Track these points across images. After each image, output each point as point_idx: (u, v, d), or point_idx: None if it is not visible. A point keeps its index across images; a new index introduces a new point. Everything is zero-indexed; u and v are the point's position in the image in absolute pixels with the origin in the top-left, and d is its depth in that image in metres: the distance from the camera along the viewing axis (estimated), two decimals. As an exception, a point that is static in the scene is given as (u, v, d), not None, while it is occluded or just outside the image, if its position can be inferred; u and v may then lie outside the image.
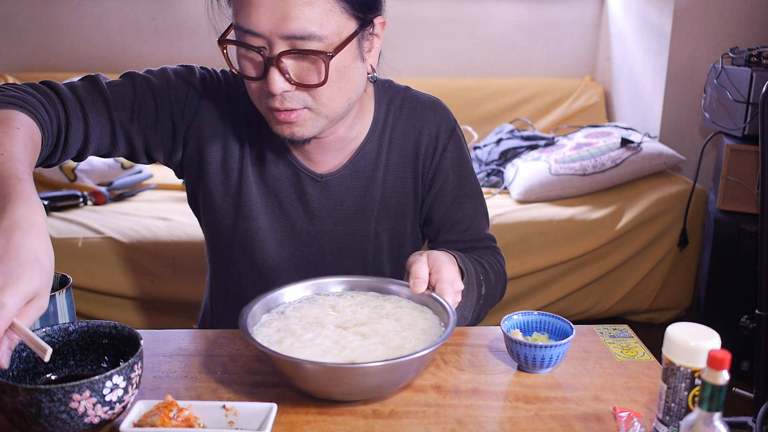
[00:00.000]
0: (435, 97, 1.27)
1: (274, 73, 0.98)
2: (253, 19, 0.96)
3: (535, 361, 0.97)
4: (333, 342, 0.93)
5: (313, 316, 0.99)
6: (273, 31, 0.96)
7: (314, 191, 1.20)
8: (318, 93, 1.02)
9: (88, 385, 0.76)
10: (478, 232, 1.28)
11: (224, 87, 1.18)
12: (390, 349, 0.91)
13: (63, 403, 0.75)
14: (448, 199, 1.25)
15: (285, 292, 1.04)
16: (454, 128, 1.25)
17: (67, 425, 0.77)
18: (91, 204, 2.52)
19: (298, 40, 0.97)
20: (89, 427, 0.79)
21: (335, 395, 0.89)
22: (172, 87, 1.15)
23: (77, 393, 0.76)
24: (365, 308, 1.02)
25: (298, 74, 1.00)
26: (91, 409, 0.77)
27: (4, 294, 0.69)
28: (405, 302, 1.04)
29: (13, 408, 0.76)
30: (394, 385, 0.91)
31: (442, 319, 0.98)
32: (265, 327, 0.97)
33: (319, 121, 1.05)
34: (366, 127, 1.20)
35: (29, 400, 0.75)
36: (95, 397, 0.77)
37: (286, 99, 1.01)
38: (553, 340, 1.03)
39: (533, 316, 1.05)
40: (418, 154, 1.22)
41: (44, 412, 0.75)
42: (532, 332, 1.05)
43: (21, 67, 3.09)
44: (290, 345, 0.92)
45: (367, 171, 1.21)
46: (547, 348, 0.96)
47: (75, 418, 0.77)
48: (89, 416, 0.78)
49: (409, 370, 0.89)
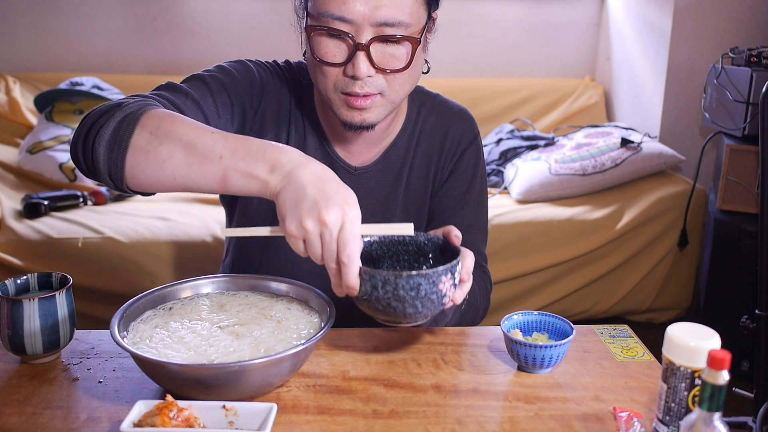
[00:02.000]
0: (463, 106, 1.32)
1: (361, 58, 1.02)
2: (349, 6, 0.99)
3: (535, 361, 0.97)
4: (203, 340, 0.93)
5: (196, 313, 1.01)
6: (366, 18, 1.00)
7: (348, 184, 1.20)
8: (394, 79, 1.06)
9: (450, 269, 0.91)
10: (472, 244, 1.28)
11: (273, 78, 1.21)
12: (257, 350, 0.91)
13: (434, 284, 0.89)
14: (453, 201, 1.27)
15: (173, 290, 1.06)
16: (476, 137, 1.30)
17: (433, 305, 0.91)
18: (91, 204, 2.52)
19: (387, 27, 1.01)
20: (441, 308, 0.93)
21: (184, 393, 0.88)
22: (239, 80, 1.17)
23: (444, 275, 0.90)
24: (253, 309, 1.02)
25: (381, 60, 1.04)
26: (449, 290, 0.92)
27: (350, 207, 0.84)
28: (296, 305, 1.04)
29: (394, 294, 0.88)
30: (254, 388, 0.89)
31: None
32: (143, 323, 0.98)
33: (387, 107, 1.10)
34: (399, 125, 1.25)
35: (410, 284, 0.88)
36: (452, 280, 0.92)
37: (366, 84, 1.04)
38: (553, 340, 1.03)
39: (533, 316, 1.05)
40: (441, 155, 1.27)
41: (421, 294, 0.89)
42: (532, 332, 1.05)
43: (21, 67, 3.09)
44: (160, 341, 0.93)
45: (396, 167, 1.25)
46: (547, 348, 0.96)
47: (439, 298, 0.91)
48: (447, 297, 0.92)
49: (256, 375, 0.86)
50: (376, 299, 0.91)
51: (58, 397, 0.92)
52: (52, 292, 0.99)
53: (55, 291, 0.99)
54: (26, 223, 2.32)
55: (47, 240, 2.26)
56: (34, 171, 2.63)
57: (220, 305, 1.04)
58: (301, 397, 0.92)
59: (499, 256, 2.48)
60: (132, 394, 0.93)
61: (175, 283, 1.07)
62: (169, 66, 3.19)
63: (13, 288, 1.03)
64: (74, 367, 1.00)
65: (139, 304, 1.00)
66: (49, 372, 0.99)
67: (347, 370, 1.00)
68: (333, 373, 0.99)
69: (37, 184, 2.62)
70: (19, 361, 1.01)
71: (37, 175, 2.62)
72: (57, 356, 1.03)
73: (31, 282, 1.04)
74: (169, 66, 3.19)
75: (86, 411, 0.89)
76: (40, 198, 2.39)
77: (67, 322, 1.00)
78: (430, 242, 1.04)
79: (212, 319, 1.00)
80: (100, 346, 1.06)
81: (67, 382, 0.96)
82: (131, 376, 0.97)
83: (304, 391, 0.94)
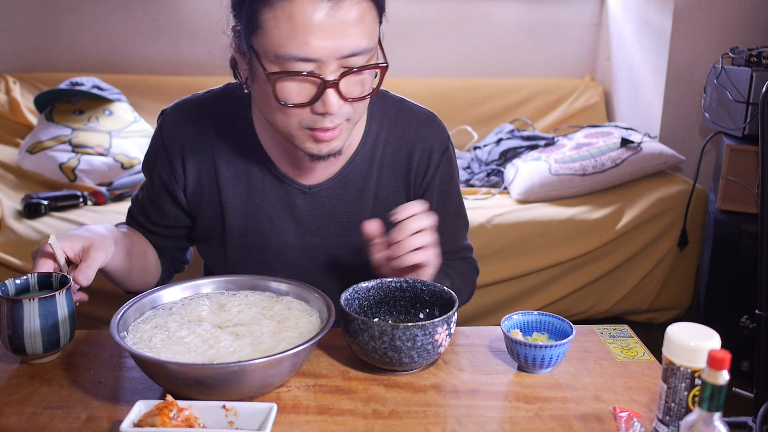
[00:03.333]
0: (430, 111, 1.25)
1: (331, 94, 0.97)
2: (312, 47, 0.94)
3: (535, 360, 0.97)
4: (203, 341, 0.94)
5: (195, 314, 1.00)
6: (331, 54, 0.95)
7: (304, 203, 1.19)
8: (358, 104, 1.02)
9: (445, 321, 0.95)
10: (455, 244, 1.29)
11: (191, 121, 1.19)
12: (257, 350, 0.91)
13: (430, 335, 0.93)
14: (435, 213, 1.24)
15: (172, 290, 1.06)
16: (447, 146, 1.24)
17: (429, 354, 0.96)
18: (91, 204, 2.52)
19: (353, 57, 0.97)
20: (437, 357, 0.99)
21: (184, 393, 0.87)
22: (152, 176, 1.23)
23: (440, 326, 0.94)
24: (253, 308, 1.02)
25: (348, 90, 1.00)
26: (444, 340, 0.96)
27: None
28: (296, 304, 1.04)
29: (391, 344, 0.93)
30: (254, 388, 0.89)
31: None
32: (143, 323, 0.98)
33: (350, 129, 1.06)
34: (357, 139, 1.19)
35: (407, 335, 0.92)
36: (447, 330, 0.96)
37: (336, 117, 1.01)
38: (553, 340, 1.03)
39: (533, 316, 1.05)
40: (410, 168, 1.21)
41: (417, 344, 0.93)
42: (532, 332, 1.05)
43: (21, 67, 3.09)
44: (160, 341, 0.93)
45: (358, 183, 1.20)
46: (547, 348, 0.96)
47: (435, 348, 0.95)
48: (442, 346, 0.96)
49: (256, 375, 0.86)
50: (373, 349, 0.94)
51: (58, 397, 0.92)
52: (52, 292, 0.99)
53: (55, 291, 0.99)
54: (26, 223, 2.32)
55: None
56: (34, 171, 2.62)
57: (220, 305, 1.04)
58: (301, 397, 0.92)
59: (499, 256, 2.48)
60: (132, 394, 0.93)
61: (176, 283, 1.07)
62: (169, 66, 3.19)
63: (13, 288, 1.02)
64: (74, 367, 1.00)
65: (139, 304, 1.00)
66: (49, 372, 0.99)
67: (347, 370, 1.00)
68: (333, 373, 0.99)
69: (37, 184, 2.61)
70: (19, 361, 1.01)
71: (37, 175, 2.62)
72: (57, 356, 1.03)
73: (31, 282, 1.04)
74: (169, 66, 3.19)
75: (86, 411, 0.89)
76: (40, 198, 2.38)
77: (67, 322, 1.00)
78: (427, 288, 1.06)
79: (212, 319, 1.00)
80: (100, 346, 1.06)
81: (67, 382, 0.96)
82: (131, 376, 0.97)
83: (304, 391, 0.94)
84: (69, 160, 2.62)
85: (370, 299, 1.06)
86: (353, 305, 1.04)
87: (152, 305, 1.03)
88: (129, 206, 1.31)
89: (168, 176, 1.19)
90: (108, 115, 2.80)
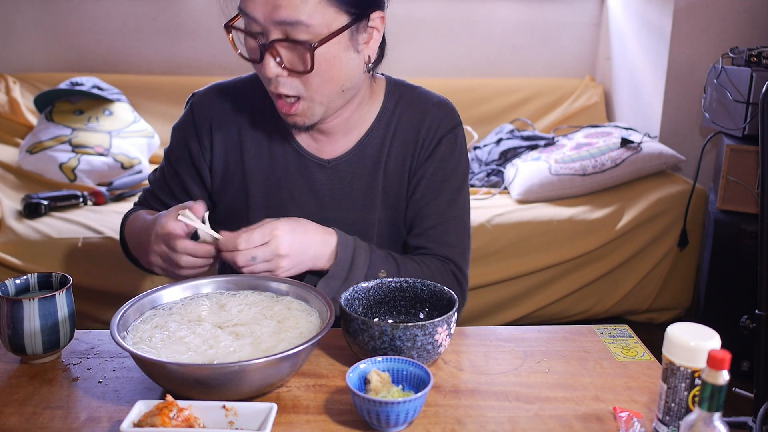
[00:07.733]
0: (445, 98, 1.29)
1: (268, 58, 1.05)
2: (250, 5, 1.03)
3: (389, 419, 0.83)
4: (203, 341, 0.94)
5: (196, 314, 1.00)
6: (267, 17, 1.02)
7: (323, 177, 1.23)
8: (308, 81, 1.07)
9: (446, 321, 0.95)
10: (443, 234, 1.24)
11: (220, 103, 1.25)
12: (257, 350, 0.92)
13: (430, 335, 0.94)
14: (426, 188, 1.24)
15: (172, 290, 1.05)
16: (455, 126, 1.26)
17: (429, 354, 0.96)
18: (91, 204, 2.52)
19: (289, 27, 1.02)
20: (436, 357, 0.99)
21: (184, 393, 0.87)
22: (179, 147, 1.28)
23: (440, 326, 0.94)
24: (253, 308, 1.02)
25: (290, 61, 1.06)
26: (444, 340, 0.97)
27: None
28: (296, 304, 1.04)
29: (391, 344, 0.93)
30: (254, 388, 0.88)
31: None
32: (143, 323, 0.98)
33: (315, 108, 1.12)
34: (373, 116, 1.24)
35: (407, 335, 0.93)
36: (448, 330, 0.97)
37: (280, 84, 1.08)
38: (410, 390, 0.91)
39: (383, 363, 0.92)
40: (417, 143, 1.25)
41: (417, 344, 0.94)
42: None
43: (21, 67, 3.09)
44: (160, 341, 0.93)
45: (373, 157, 1.24)
46: (401, 404, 0.82)
47: (435, 348, 0.96)
48: (442, 346, 0.97)
49: (256, 375, 0.86)
50: (373, 349, 0.95)
51: (58, 397, 0.93)
52: (52, 292, 0.99)
53: (55, 291, 0.99)
54: (26, 223, 2.32)
55: (47, 240, 2.26)
56: (34, 171, 2.62)
57: (220, 305, 1.04)
58: (301, 397, 0.93)
59: (499, 256, 2.48)
60: (132, 394, 0.93)
61: (176, 283, 1.07)
62: (169, 66, 3.19)
63: (13, 288, 1.03)
64: (74, 367, 1.00)
65: (139, 304, 1.00)
66: (49, 372, 0.99)
67: (347, 370, 1.00)
68: (333, 373, 0.99)
69: (37, 184, 2.61)
70: (19, 361, 1.01)
71: (37, 175, 2.62)
72: (57, 356, 1.03)
73: (31, 282, 1.05)
74: (169, 66, 3.19)
75: (86, 411, 0.89)
76: (40, 198, 2.38)
77: (67, 322, 1.00)
78: (427, 288, 1.06)
79: (212, 319, 1.00)
80: (100, 346, 1.06)
81: (67, 382, 0.96)
82: (131, 376, 0.97)
83: (304, 391, 0.94)
84: (69, 160, 2.62)
85: (370, 299, 1.07)
86: (353, 305, 1.04)
87: (152, 305, 1.03)
88: (140, 193, 1.38)
89: (197, 151, 1.26)
90: (108, 115, 2.80)
